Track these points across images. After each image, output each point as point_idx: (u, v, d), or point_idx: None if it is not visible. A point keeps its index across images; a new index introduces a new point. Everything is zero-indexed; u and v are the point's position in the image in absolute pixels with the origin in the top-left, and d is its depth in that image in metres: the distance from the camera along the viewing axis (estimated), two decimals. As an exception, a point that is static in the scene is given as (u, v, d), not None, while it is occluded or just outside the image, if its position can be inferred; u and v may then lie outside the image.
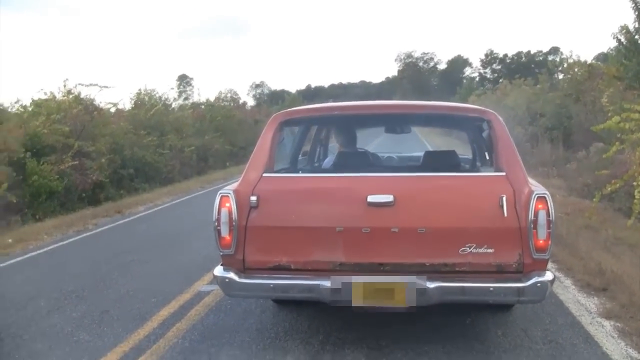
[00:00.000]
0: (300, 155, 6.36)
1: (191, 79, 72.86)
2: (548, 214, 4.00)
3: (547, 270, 4.11)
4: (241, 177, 4.49)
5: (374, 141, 16.71)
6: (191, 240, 9.27)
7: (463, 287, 4.11)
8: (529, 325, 5.10)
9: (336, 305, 4.26)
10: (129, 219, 12.26)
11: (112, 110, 20.91)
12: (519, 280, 4.05)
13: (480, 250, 4.08)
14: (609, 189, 9.38)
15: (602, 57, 29.00)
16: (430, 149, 16.14)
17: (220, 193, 4.33)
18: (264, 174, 4.46)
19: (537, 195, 4.01)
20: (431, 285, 4.06)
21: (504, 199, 4.06)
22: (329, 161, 6.39)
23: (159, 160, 20.14)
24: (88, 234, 10.57)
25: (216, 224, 4.29)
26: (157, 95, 25.88)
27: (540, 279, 4.02)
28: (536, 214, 3.99)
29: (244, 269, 4.33)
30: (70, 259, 8.41)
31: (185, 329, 5.18)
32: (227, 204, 4.27)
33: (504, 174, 4.25)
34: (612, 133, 11.56)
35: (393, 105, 5.59)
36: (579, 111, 19.72)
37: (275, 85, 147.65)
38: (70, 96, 17.88)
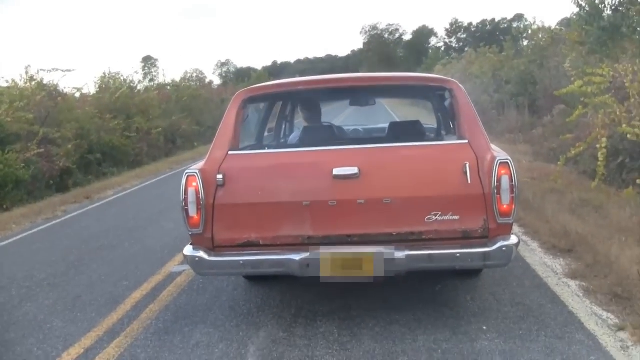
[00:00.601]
0: (266, 132, 6.37)
1: (156, 60, 71.42)
2: (511, 179, 4.07)
3: (512, 234, 4.20)
4: (207, 156, 4.50)
5: (341, 114, 16.69)
6: (161, 222, 9.24)
7: (430, 254, 4.17)
8: (497, 289, 5.21)
9: (306, 277, 4.30)
10: (98, 204, 12.16)
11: (77, 95, 20.70)
12: (485, 245, 4.13)
13: (446, 218, 4.15)
14: (573, 152, 9.55)
15: (566, 23, 29.13)
16: (398, 120, 16.20)
17: (187, 173, 4.34)
18: (230, 152, 4.47)
19: (499, 161, 4.08)
20: (399, 254, 4.12)
21: (467, 166, 4.12)
22: (294, 136, 6.41)
23: (126, 143, 19.90)
24: (57, 221, 10.46)
25: (184, 203, 4.30)
26: (122, 78, 25.55)
27: (505, 243, 4.10)
28: (499, 180, 4.06)
29: (213, 247, 4.36)
30: (40, 247, 8.34)
31: (159, 310, 5.20)
32: (194, 184, 4.29)
33: (466, 141, 4.30)
34: (575, 97, 11.73)
35: (356, 78, 5.59)
36: (544, 77, 19.86)
37: (241, 62, 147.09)
38: (33, 83, 17.61)
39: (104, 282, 6.22)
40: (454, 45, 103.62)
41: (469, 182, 4.11)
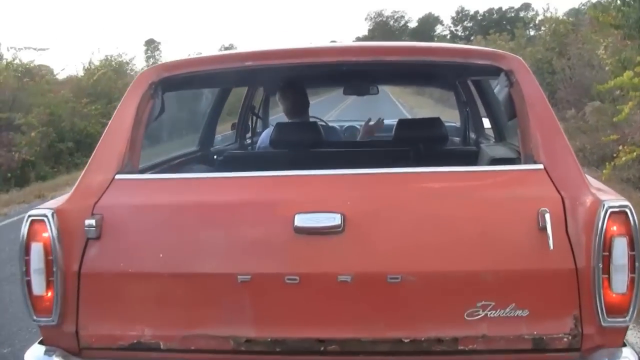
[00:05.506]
0: (219, 136, 4.46)
1: (159, 43, 70.14)
2: (632, 245, 2.12)
3: (626, 345, 2.25)
4: (76, 183, 2.53)
5: (337, 106, 15.00)
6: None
7: None
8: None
9: None
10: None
11: (63, 77, 19.74)
12: None
13: (503, 313, 2.17)
14: (623, 158, 7.80)
15: (574, 13, 28.28)
16: (406, 112, 14.23)
17: (30, 215, 2.37)
18: (117, 176, 2.49)
19: (609, 209, 2.12)
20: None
21: (547, 215, 2.13)
22: (264, 139, 4.49)
23: (103, 131, 18.32)
24: (-13, 228, 8.58)
25: (24, 270, 2.35)
26: (118, 61, 24.13)
27: None
28: (609, 245, 2.11)
29: (78, 351, 2.39)
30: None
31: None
32: (44, 234, 2.32)
33: (541, 166, 2.32)
34: (607, 91, 10.25)
35: (360, 48, 3.27)
36: (564, 66, 18.14)
37: (245, 47, 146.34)
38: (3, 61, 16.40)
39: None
40: (459, 33, 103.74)
41: (550, 246, 2.13)
